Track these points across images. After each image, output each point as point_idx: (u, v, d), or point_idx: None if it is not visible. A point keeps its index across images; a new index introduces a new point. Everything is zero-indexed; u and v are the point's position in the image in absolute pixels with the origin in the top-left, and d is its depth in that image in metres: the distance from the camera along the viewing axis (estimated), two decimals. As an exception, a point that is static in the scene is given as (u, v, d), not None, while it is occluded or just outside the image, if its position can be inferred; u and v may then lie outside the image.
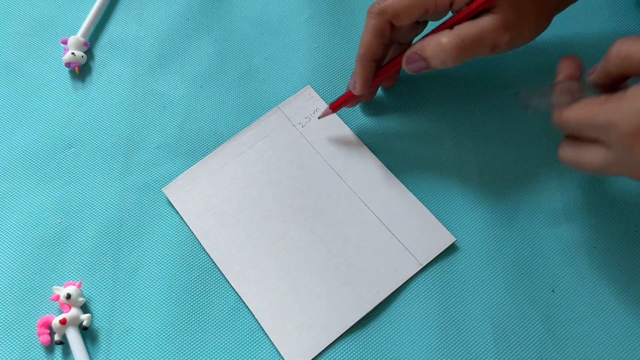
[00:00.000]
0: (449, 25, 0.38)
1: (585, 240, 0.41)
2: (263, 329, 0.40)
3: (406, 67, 0.39)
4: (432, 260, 0.41)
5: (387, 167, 0.44)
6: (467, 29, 0.37)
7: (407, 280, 0.41)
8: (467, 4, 0.38)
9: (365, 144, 0.45)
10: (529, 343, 0.39)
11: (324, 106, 0.46)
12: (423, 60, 0.38)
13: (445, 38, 0.37)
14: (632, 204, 0.43)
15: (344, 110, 0.46)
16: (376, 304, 0.40)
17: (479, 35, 0.37)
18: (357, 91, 0.42)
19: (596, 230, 0.42)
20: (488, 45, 0.37)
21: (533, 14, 0.38)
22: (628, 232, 0.42)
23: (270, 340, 0.39)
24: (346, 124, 0.46)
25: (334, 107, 0.44)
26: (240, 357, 0.39)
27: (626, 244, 0.41)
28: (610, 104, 0.33)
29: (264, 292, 0.41)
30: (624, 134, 0.32)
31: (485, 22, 0.37)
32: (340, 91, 0.47)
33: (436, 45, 0.37)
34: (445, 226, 0.42)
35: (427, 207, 0.42)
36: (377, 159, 0.44)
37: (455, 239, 0.41)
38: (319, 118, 0.45)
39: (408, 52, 0.39)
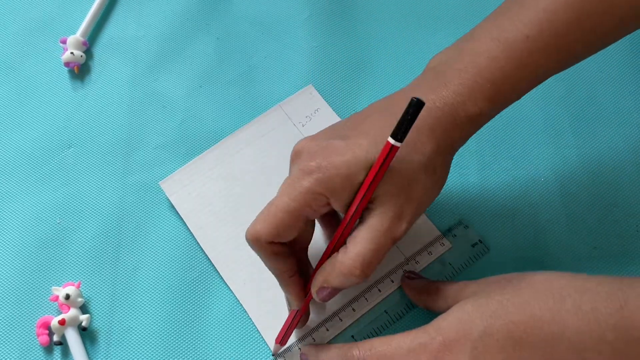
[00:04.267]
0: (337, 240, 0.34)
1: (585, 240, 0.41)
2: (257, 328, 0.40)
3: (318, 298, 0.35)
4: (430, 262, 0.41)
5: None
6: (363, 244, 0.32)
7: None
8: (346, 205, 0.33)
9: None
10: (529, 343, 0.39)
11: (324, 106, 0.46)
12: (334, 289, 0.34)
13: (348, 261, 0.32)
14: (632, 204, 0.43)
15: (345, 110, 0.46)
16: (371, 307, 0.40)
17: (377, 244, 0.32)
18: (296, 305, 0.37)
19: (596, 230, 0.42)
20: (390, 243, 0.33)
21: (422, 180, 0.33)
22: (628, 232, 0.42)
23: (264, 339, 0.39)
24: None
25: (280, 339, 0.38)
26: (239, 356, 0.39)
27: (626, 244, 0.41)
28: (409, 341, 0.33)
29: (259, 291, 0.40)
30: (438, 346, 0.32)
31: (375, 223, 0.32)
32: (340, 89, 0.47)
33: (340, 273, 0.33)
34: (444, 225, 0.42)
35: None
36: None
37: (439, 233, 0.42)
38: (272, 355, 0.39)
39: (314, 287, 0.35)
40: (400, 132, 0.30)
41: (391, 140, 0.30)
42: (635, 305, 0.29)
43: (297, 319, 0.37)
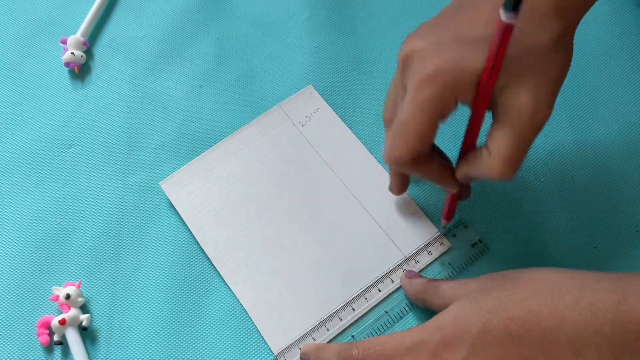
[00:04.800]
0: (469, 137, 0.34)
1: (585, 240, 0.41)
2: (257, 328, 0.40)
3: (461, 182, 0.36)
4: (430, 262, 0.41)
5: (385, 169, 0.44)
6: (505, 143, 0.31)
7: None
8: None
9: (364, 145, 0.45)
10: (529, 343, 0.39)
11: (324, 106, 0.46)
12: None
13: (495, 164, 0.32)
14: (632, 204, 0.43)
15: (345, 110, 0.46)
16: (372, 306, 0.40)
17: (519, 139, 0.31)
18: (454, 189, 0.37)
19: (596, 230, 0.42)
20: (534, 134, 0.31)
21: (554, 58, 0.31)
22: (628, 232, 0.42)
23: (264, 339, 0.39)
24: (346, 124, 0.46)
25: (446, 215, 0.40)
26: (239, 356, 0.39)
27: (626, 244, 0.41)
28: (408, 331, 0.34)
29: (259, 291, 0.41)
30: (435, 343, 0.32)
31: (513, 118, 0.31)
32: (340, 89, 0.47)
33: (488, 174, 0.33)
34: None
35: (423, 209, 0.42)
36: (376, 160, 0.44)
37: (439, 232, 0.42)
38: (443, 228, 0.42)
39: (459, 176, 0.35)
40: (512, 1, 0.27)
41: (503, 17, 0.27)
42: (634, 301, 0.29)
43: (457, 198, 0.39)
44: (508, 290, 0.32)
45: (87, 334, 0.40)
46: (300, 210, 0.43)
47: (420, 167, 0.35)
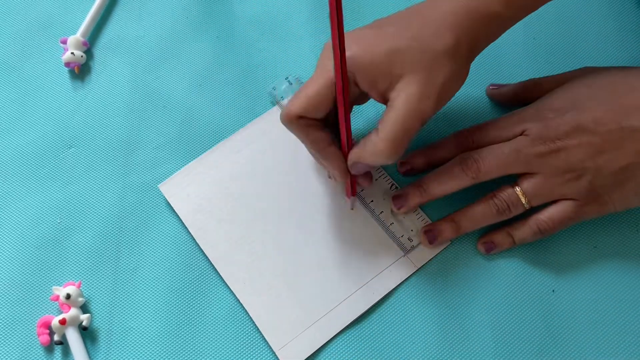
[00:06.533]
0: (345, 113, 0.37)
1: (586, 240, 0.41)
2: (258, 328, 0.40)
3: (352, 171, 0.39)
4: (429, 260, 0.41)
5: (385, 169, 0.44)
6: (392, 124, 0.35)
7: (405, 280, 0.41)
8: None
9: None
10: (529, 343, 0.39)
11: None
12: (369, 166, 0.38)
13: (379, 143, 0.35)
14: (632, 204, 0.43)
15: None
16: (371, 304, 0.40)
17: (404, 123, 0.35)
18: (340, 178, 0.39)
19: (596, 230, 0.42)
20: (418, 122, 0.35)
21: (445, 63, 0.35)
22: (628, 232, 0.42)
23: (265, 339, 0.39)
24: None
25: (349, 192, 0.41)
26: (239, 357, 0.39)
27: (626, 244, 0.41)
28: (516, 111, 0.40)
29: (259, 291, 0.41)
30: (544, 108, 0.38)
31: (401, 104, 0.35)
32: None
33: (373, 153, 0.36)
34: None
35: (424, 209, 0.42)
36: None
37: (449, 242, 0.41)
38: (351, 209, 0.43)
39: (349, 162, 0.38)
40: None
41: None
42: None
43: (355, 183, 0.40)
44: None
45: (87, 333, 0.40)
46: (299, 209, 0.43)
47: (309, 133, 0.37)
